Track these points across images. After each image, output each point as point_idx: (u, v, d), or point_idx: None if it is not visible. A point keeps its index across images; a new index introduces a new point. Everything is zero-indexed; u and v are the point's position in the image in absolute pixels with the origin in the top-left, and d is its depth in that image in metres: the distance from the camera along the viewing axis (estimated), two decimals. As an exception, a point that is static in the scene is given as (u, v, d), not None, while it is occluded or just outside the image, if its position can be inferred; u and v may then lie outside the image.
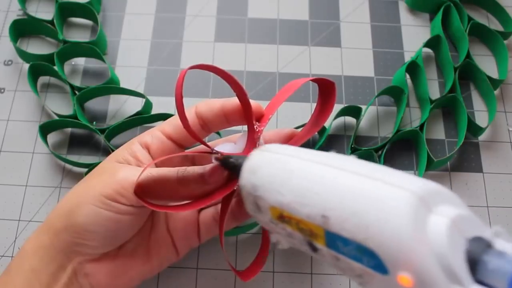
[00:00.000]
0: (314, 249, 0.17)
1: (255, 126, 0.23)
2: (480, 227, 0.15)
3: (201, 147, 0.23)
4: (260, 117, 0.24)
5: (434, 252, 0.14)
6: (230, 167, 0.21)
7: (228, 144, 0.25)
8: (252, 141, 0.23)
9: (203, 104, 0.24)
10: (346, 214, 0.15)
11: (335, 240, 0.16)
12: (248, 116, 0.23)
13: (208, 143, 0.28)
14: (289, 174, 0.18)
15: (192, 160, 0.27)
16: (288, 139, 0.26)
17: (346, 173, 0.16)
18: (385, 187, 0.15)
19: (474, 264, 0.14)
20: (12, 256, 0.30)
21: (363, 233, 0.15)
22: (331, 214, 0.16)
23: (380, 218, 0.14)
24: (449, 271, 0.13)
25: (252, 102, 0.23)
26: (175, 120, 0.25)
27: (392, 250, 0.14)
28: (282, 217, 0.18)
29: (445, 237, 0.14)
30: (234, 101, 0.24)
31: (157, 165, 0.24)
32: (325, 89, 0.25)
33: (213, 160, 0.22)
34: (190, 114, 0.24)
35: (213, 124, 0.25)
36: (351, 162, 0.17)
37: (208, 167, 0.22)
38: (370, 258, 0.15)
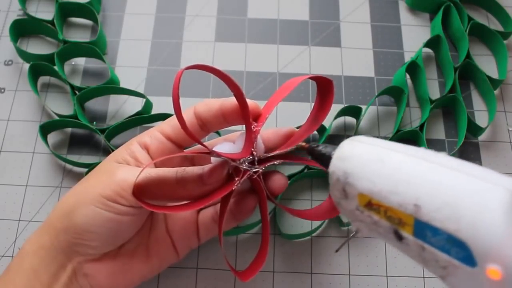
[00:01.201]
0: (400, 237, 0.18)
1: (252, 126, 0.23)
2: None
3: (199, 147, 0.23)
4: (257, 116, 0.24)
5: None
6: (318, 155, 0.22)
7: (226, 143, 0.25)
8: (250, 141, 0.23)
9: (202, 104, 0.24)
10: (438, 204, 0.16)
11: (424, 230, 0.16)
12: (245, 116, 0.23)
13: (207, 143, 0.28)
14: (381, 164, 0.18)
15: (191, 160, 0.27)
16: (287, 138, 0.26)
17: (438, 165, 0.17)
18: (479, 181, 0.15)
19: None
20: (12, 256, 0.30)
21: (455, 224, 0.15)
22: (423, 203, 0.16)
23: (474, 210, 0.15)
24: None
25: (249, 101, 0.23)
26: (174, 121, 0.25)
27: (484, 243, 0.14)
28: (370, 205, 0.18)
29: None
30: (232, 101, 0.24)
31: (156, 166, 0.24)
32: (323, 87, 0.25)
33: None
34: (189, 114, 0.24)
35: (212, 124, 0.25)
36: (442, 157, 0.17)
37: (207, 167, 0.22)
38: (460, 250, 0.15)
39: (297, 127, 0.32)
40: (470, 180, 0.16)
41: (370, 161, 0.19)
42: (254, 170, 0.23)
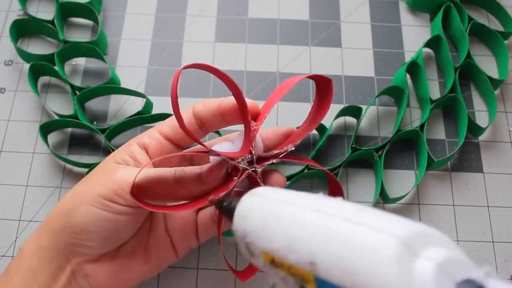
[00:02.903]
0: None
1: (251, 125, 0.23)
2: (471, 268, 0.14)
3: (198, 147, 0.23)
4: (256, 116, 0.24)
5: None
6: (225, 211, 0.22)
7: (225, 143, 0.25)
8: (249, 140, 0.23)
9: (200, 104, 0.24)
10: (333, 260, 0.15)
11: (325, 286, 0.16)
12: (244, 115, 0.23)
13: (206, 143, 0.28)
14: (277, 220, 0.18)
15: (190, 160, 0.27)
16: (286, 137, 0.26)
17: (331, 218, 0.16)
18: (369, 232, 0.15)
19: None
20: (12, 256, 0.30)
21: (351, 280, 0.15)
22: (319, 261, 0.16)
23: (366, 265, 0.14)
24: None
25: (248, 101, 0.23)
26: (173, 121, 0.25)
27: None
28: (274, 262, 0.18)
29: (432, 282, 0.13)
30: (230, 100, 0.24)
31: (155, 165, 0.24)
32: (322, 86, 0.25)
33: (208, 200, 0.22)
34: (187, 114, 0.24)
35: (210, 124, 0.25)
36: (337, 205, 0.17)
37: (205, 167, 0.22)
38: None
39: (298, 128, 0.32)
40: (361, 232, 0.15)
41: (266, 218, 0.18)
42: (252, 169, 0.23)
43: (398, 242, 0.14)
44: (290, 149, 0.24)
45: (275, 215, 0.18)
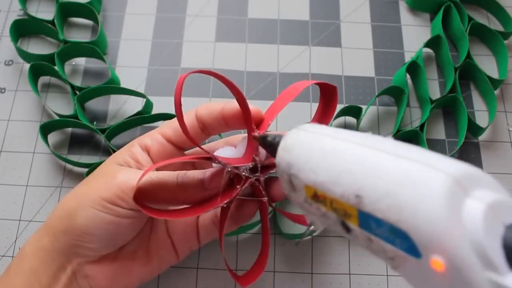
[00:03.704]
0: (348, 229, 0.17)
1: (255, 133, 0.23)
2: None
3: (201, 151, 0.23)
4: (259, 122, 0.24)
5: (469, 237, 0.13)
6: (267, 145, 0.21)
7: (228, 148, 0.24)
8: (252, 147, 0.23)
9: (203, 107, 0.24)
10: (379, 194, 0.15)
11: (368, 221, 0.16)
12: (247, 122, 0.23)
13: (208, 145, 0.28)
14: (324, 153, 0.17)
15: (193, 162, 0.27)
16: None
17: (381, 153, 0.16)
18: (420, 168, 0.15)
19: (511, 251, 0.13)
20: (12, 256, 0.30)
21: (396, 215, 0.14)
22: (365, 194, 0.15)
23: (414, 199, 0.14)
24: (484, 258, 0.13)
25: (252, 107, 0.23)
26: (175, 123, 0.25)
27: (425, 233, 0.14)
28: (317, 196, 0.17)
29: (481, 222, 0.13)
30: (233, 105, 0.23)
31: (157, 169, 0.24)
32: (327, 93, 0.25)
33: (253, 135, 0.22)
34: (190, 117, 0.24)
35: (213, 128, 0.24)
36: (387, 142, 0.17)
37: (208, 172, 0.22)
38: (403, 241, 0.14)
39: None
40: (412, 167, 0.15)
41: (312, 151, 0.18)
42: (255, 177, 0.23)
43: (450, 179, 0.14)
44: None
45: (321, 148, 0.18)
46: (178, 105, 0.20)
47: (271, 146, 0.21)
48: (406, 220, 0.14)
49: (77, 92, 0.33)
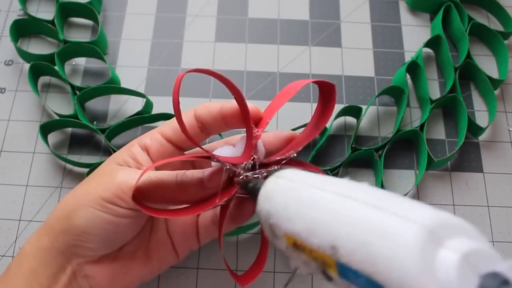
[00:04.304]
0: (329, 278, 0.17)
1: (253, 131, 0.23)
2: (496, 261, 0.14)
3: (200, 150, 0.23)
4: (258, 121, 0.24)
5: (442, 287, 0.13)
6: (250, 192, 0.22)
7: (227, 147, 0.24)
8: (250, 146, 0.23)
9: (202, 107, 0.24)
10: (354, 245, 0.15)
11: (346, 271, 0.16)
12: (246, 121, 0.23)
13: (208, 145, 0.28)
14: (300, 203, 0.18)
15: (192, 162, 0.27)
16: (287, 142, 0.25)
17: (355, 203, 0.16)
18: (394, 219, 0.15)
19: None
20: (12, 256, 0.30)
21: (372, 266, 0.14)
22: (340, 244, 0.15)
23: (388, 252, 0.14)
24: None
25: (250, 105, 0.23)
26: (174, 123, 0.25)
27: (399, 286, 0.14)
28: (296, 245, 0.18)
29: (454, 273, 0.13)
30: (232, 104, 0.23)
31: (156, 168, 0.24)
32: (325, 91, 0.25)
33: (236, 179, 0.22)
34: (189, 117, 0.24)
35: (212, 127, 0.24)
36: (362, 190, 0.17)
37: (207, 171, 0.22)
38: None
39: (294, 129, 0.32)
40: (385, 218, 0.15)
41: (290, 200, 0.18)
42: (254, 176, 0.23)
43: (423, 230, 0.14)
44: (292, 155, 0.24)
45: (298, 197, 0.18)
46: (176, 104, 0.20)
47: (252, 192, 0.21)
48: (381, 271, 0.14)
49: (77, 92, 0.33)
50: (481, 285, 0.13)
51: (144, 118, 0.32)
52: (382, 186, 0.30)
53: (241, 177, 0.23)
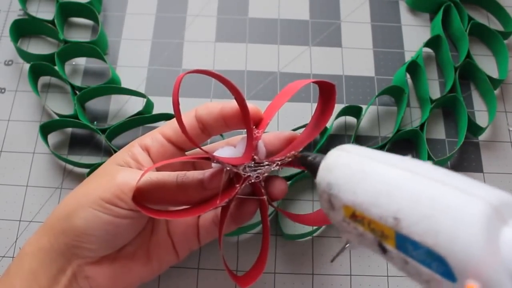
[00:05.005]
0: (384, 250, 0.17)
1: (254, 132, 0.23)
2: None
3: (201, 152, 0.23)
4: (259, 121, 0.24)
5: (505, 265, 0.13)
6: (308, 165, 0.22)
7: (227, 148, 0.24)
8: (251, 146, 0.23)
9: (203, 107, 0.24)
10: (417, 217, 0.15)
11: (405, 243, 0.16)
12: (246, 122, 0.23)
13: (209, 146, 0.28)
14: (363, 175, 0.18)
15: (192, 163, 0.27)
16: (288, 143, 0.25)
17: (419, 177, 0.16)
18: (458, 194, 0.15)
19: None
20: (12, 257, 0.30)
21: (433, 239, 0.15)
22: (403, 217, 0.16)
23: (451, 225, 0.14)
24: None
25: (251, 106, 0.23)
26: (175, 123, 0.25)
27: (462, 259, 0.14)
28: (355, 216, 0.18)
29: None
30: (232, 105, 0.23)
31: (157, 169, 0.24)
32: (325, 91, 0.25)
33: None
34: (189, 117, 0.24)
35: (213, 128, 0.24)
36: (426, 167, 0.17)
37: (207, 172, 0.22)
38: (439, 264, 0.15)
39: (295, 129, 0.32)
40: (450, 193, 0.15)
41: (353, 172, 0.18)
42: (255, 176, 0.23)
43: (488, 207, 0.14)
44: (292, 156, 0.24)
45: (362, 170, 0.18)
46: (176, 105, 0.20)
47: (312, 165, 0.21)
48: (443, 245, 0.14)
49: (77, 92, 0.33)
50: None
51: (145, 119, 0.32)
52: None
53: (242, 177, 0.23)
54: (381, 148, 0.32)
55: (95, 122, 0.32)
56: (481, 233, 0.14)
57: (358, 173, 0.18)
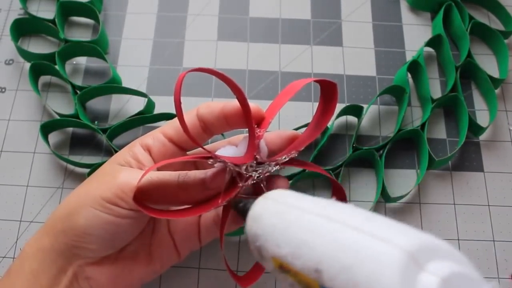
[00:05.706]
0: None
1: (256, 131, 0.23)
2: (478, 283, 0.14)
3: (202, 150, 0.23)
4: (260, 120, 0.24)
5: None
6: (239, 212, 0.22)
7: (229, 147, 0.24)
8: (253, 146, 0.23)
9: (205, 106, 0.24)
10: (337, 269, 0.15)
11: None
12: (248, 121, 0.23)
13: (210, 145, 0.28)
14: (286, 226, 0.18)
15: (194, 163, 0.27)
16: (290, 142, 0.25)
17: (339, 225, 0.16)
18: (375, 242, 0.15)
19: None
20: (13, 257, 0.30)
21: None
22: (324, 268, 0.16)
23: (369, 275, 0.14)
24: None
25: (252, 105, 0.23)
26: (177, 123, 0.25)
27: None
28: (282, 268, 0.18)
29: None
30: (234, 104, 0.23)
31: (158, 168, 0.24)
32: (327, 90, 0.25)
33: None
34: (191, 116, 0.24)
35: (214, 127, 0.24)
36: (347, 212, 0.17)
37: (209, 172, 0.22)
38: None
39: (296, 128, 0.32)
40: (369, 241, 0.15)
41: (276, 223, 0.18)
42: (257, 176, 0.23)
43: (403, 254, 0.14)
44: (293, 155, 0.24)
45: (284, 220, 0.18)
46: (178, 104, 0.20)
47: (242, 212, 0.21)
48: None
49: (78, 91, 0.33)
50: None
51: (146, 118, 0.32)
52: (383, 186, 0.30)
53: (244, 177, 0.22)
54: (382, 147, 0.32)
55: (96, 122, 0.32)
56: (397, 282, 0.13)
57: (282, 223, 0.18)
